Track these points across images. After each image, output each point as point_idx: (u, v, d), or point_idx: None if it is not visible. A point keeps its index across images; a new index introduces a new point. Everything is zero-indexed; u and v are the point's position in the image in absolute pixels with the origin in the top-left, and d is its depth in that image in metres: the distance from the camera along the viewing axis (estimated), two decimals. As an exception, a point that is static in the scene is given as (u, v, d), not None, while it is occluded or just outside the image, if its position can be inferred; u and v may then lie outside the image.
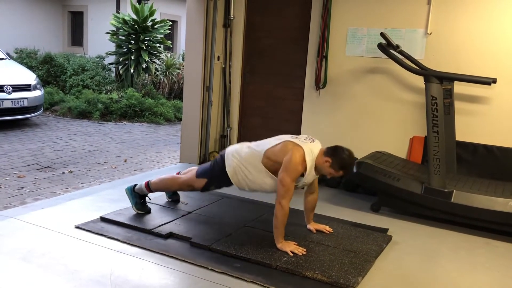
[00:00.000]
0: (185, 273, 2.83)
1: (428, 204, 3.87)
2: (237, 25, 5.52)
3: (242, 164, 3.31)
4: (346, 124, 5.01)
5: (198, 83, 5.48)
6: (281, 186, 3.08)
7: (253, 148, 3.33)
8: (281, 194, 3.08)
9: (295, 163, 3.06)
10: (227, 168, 3.36)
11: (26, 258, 2.89)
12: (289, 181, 3.06)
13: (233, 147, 3.47)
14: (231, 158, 3.36)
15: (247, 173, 3.30)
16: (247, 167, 3.30)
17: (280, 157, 3.14)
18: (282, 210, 3.08)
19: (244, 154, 3.33)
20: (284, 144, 3.19)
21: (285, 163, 3.08)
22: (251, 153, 3.30)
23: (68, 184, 4.92)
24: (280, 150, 3.17)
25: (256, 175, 3.28)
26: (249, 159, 3.29)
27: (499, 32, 4.27)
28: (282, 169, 3.10)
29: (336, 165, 3.14)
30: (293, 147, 3.12)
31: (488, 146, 4.37)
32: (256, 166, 3.26)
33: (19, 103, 7.73)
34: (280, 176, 3.10)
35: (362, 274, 2.88)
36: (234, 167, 3.33)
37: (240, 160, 3.32)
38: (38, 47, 12.37)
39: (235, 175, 3.34)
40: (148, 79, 10.61)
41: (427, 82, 3.82)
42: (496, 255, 3.42)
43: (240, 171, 3.32)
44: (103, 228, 3.39)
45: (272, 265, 2.92)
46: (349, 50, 4.91)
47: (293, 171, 3.06)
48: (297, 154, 3.08)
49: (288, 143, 3.18)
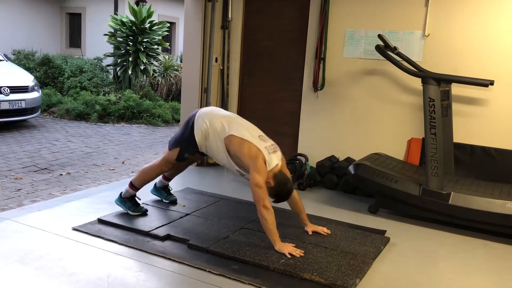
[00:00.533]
0: (182, 275, 2.82)
1: (426, 205, 3.87)
2: (235, 27, 5.52)
3: (209, 132, 3.41)
4: (344, 126, 5.01)
5: (196, 84, 5.48)
6: (257, 188, 3.11)
7: (223, 124, 3.38)
8: (261, 196, 3.11)
9: (262, 166, 3.16)
10: (195, 131, 3.45)
11: (23, 260, 2.88)
12: (263, 182, 3.13)
13: (205, 111, 3.53)
14: (201, 122, 3.44)
15: (212, 140, 3.40)
16: (212, 135, 3.39)
17: (243, 157, 3.23)
18: (267, 210, 3.10)
19: (213, 122, 3.40)
20: (250, 146, 3.23)
21: (253, 166, 3.16)
22: (219, 128, 3.37)
23: (66, 186, 4.91)
24: (244, 151, 3.23)
25: (217, 147, 3.39)
26: (215, 131, 3.38)
27: (496, 34, 4.28)
28: (252, 172, 3.16)
29: (273, 190, 3.20)
30: (257, 152, 3.20)
31: (485, 148, 4.38)
32: (219, 140, 3.36)
33: (16, 105, 7.71)
34: (252, 180, 3.13)
35: (359, 276, 2.88)
36: (202, 131, 3.43)
37: (210, 126, 3.40)
38: (36, 49, 12.35)
39: (202, 139, 3.44)
40: (146, 81, 10.60)
41: (425, 84, 3.83)
42: (494, 256, 3.43)
43: (207, 136, 3.42)
44: (101, 230, 3.38)
45: (269, 267, 2.92)
46: (347, 52, 4.91)
47: (262, 172, 3.15)
48: (261, 158, 3.18)
49: (253, 146, 3.23)
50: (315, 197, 4.58)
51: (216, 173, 5.31)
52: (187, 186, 4.61)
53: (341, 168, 4.76)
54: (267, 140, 3.36)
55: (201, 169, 5.41)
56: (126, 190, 3.72)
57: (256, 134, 3.34)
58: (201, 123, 3.44)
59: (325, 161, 4.90)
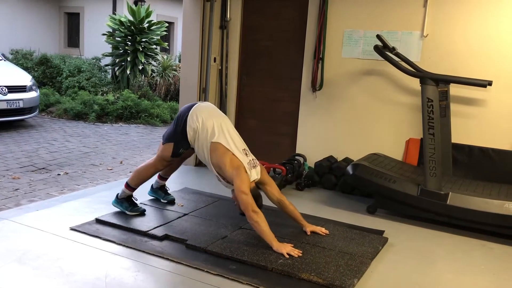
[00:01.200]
0: (180, 275, 2.82)
1: (424, 206, 3.87)
2: (233, 27, 5.52)
3: (199, 131, 3.43)
4: (342, 126, 5.02)
5: (194, 84, 5.47)
6: (243, 195, 3.14)
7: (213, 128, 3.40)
8: (248, 202, 3.13)
9: (244, 175, 3.22)
10: (188, 128, 3.46)
11: (20, 260, 2.87)
12: (247, 189, 3.17)
13: (199, 109, 3.52)
14: (195, 120, 3.45)
15: (200, 140, 3.43)
16: (201, 135, 3.42)
17: (225, 166, 3.28)
18: (258, 214, 3.13)
19: (206, 122, 3.42)
20: (232, 158, 3.29)
21: (236, 175, 3.22)
22: (210, 130, 3.39)
23: (64, 186, 4.90)
24: (227, 162, 3.28)
25: (201, 147, 3.43)
26: (206, 132, 3.40)
27: (495, 35, 4.29)
28: (236, 180, 3.20)
29: None
30: (239, 164, 3.26)
31: (483, 148, 4.38)
32: (205, 142, 3.40)
33: (14, 104, 7.69)
34: (238, 187, 3.17)
35: (358, 276, 2.87)
36: (194, 129, 3.45)
37: (202, 125, 3.42)
38: (34, 48, 12.33)
39: (192, 137, 3.46)
40: (144, 81, 10.59)
41: (423, 84, 3.83)
42: (492, 257, 3.43)
43: (197, 134, 3.43)
44: (99, 230, 3.38)
45: (268, 267, 2.92)
46: (345, 52, 4.92)
47: (246, 180, 3.20)
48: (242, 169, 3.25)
49: (236, 159, 3.29)
50: (313, 197, 4.58)
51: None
52: (185, 186, 4.61)
53: (339, 168, 4.76)
54: (249, 154, 3.42)
55: (199, 169, 5.40)
56: (122, 191, 3.71)
57: (241, 148, 3.39)
58: (195, 121, 3.44)
59: (323, 161, 4.90)
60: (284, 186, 4.68)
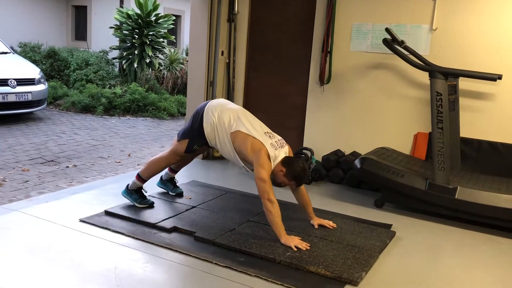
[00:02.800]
0: (189, 267, 2.84)
1: (432, 200, 3.86)
2: (241, 20, 5.51)
3: (217, 125, 3.43)
4: (350, 120, 5.00)
5: (202, 78, 5.48)
6: (261, 182, 3.13)
7: (230, 118, 3.40)
8: (265, 190, 3.13)
9: (265, 160, 3.19)
10: (204, 124, 3.46)
11: (31, 251, 2.90)
12: (267, 175, 3.16)
13: (215, 104, 3.54)
14: (210, 115, 3.46)
15: (220, 134, 3.42)
16: (219, 129, 3.42)
17: (246, 152, 3.27)
18: (273, 204, 3.12)
19: (222, 116, 3.42)
20: (253, 142, 3.27)
21: (256, 161, 3.20)
22: (227, 122, 3.40)
23: (72, 178, 4.93)
24: (248, 147, 3.27)
25: (223, 141, 3.42)
26: (223, 124, 3.41)
27: (504, 28, 4.25)
28: (256, 166, 3.20)
29: (289, 175, 3.25)
30: (260, 147, 3.23)
31: (492, 143, 4.36)
32: (225, 134, 3.40)
33: (23, 97, 7.73)
34: (257, 173, 3.16)
35: (365, 269, 2.88)
36: (211, 124, 3.45)
37: (218, 119, 3.42)
38: (42, 41, 12.37)
39: (210, 132, 3.46)
40: (151, 74, 10.60)
41: (432, 78, 3.81)
42: (500, 251, 3.42)
43: (215, 129, 3.44)
44: (108, 222, 3.40)
45: (276, 259, 2.93)
46: (353, 46, 4.90)
47: (266, 166, 3.18)
48: (263, 153, 3.21)
49: (257, 142, 3.27)
50: (320, 191, 4.58)
51: (222, 166, 5.33)
52: (193, 179, 4.62)
53: (347, 162, 4.75)
54: (274, 136, 3.39)
55: (207, 162, 5.42)
56: (133, 182, 3.73)
57: (263, 131, 3.37)
58: (210, 116, 3.45)
59: (330, 155, 4.90)
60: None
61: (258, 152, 3.21)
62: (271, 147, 3.26)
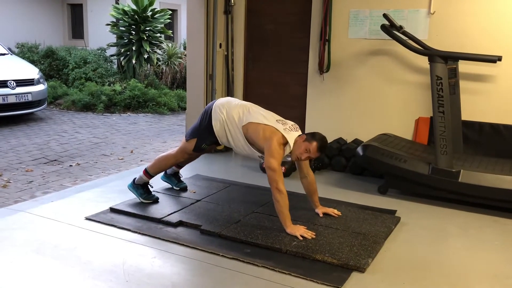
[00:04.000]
0: (196, 260, 2.86)
1: (435, 184, 3.87)
2: (238, 11, 5.49)
3: (227, 122, 3.42)
4: (351, 108, 5.00)
5: (200, 71, 5.47)
6: (271, 171, 3.14)
7: (239, 113, 3.41)
8: (274, 179, 3.13)
9: (275, 148, 3.18)
10: (213, 121, 3.46)
11: (39, 250, 2.92)
12: (277, 164, 3.16)
13: (222, 101, 3.55)
14: (218, 112, 3.46)
15: (231, 130, 3.42)
16: (230, 125, 3.41)
17: (259, 140, 3.27)
18: (281, 193, 3.12)
19: (231, 112, 3.43)
20: (265, 129, 3.27)
21: (267, 149, 3.20)
22: (237, 117, 3.40)
23: (76, 177, 4.95)
24: (260, 134, 3.27)
25: (236, 136, 3.41)
26: (232, 120, 3.40)
27: (503, 9, 4.23)
28: (266, 155, 3.19)
29: (310, 138, 3.24)
30: (271, 134, 3.23)
31: (494, 125, 4.35)
32: (237, 129, 3.39)
33: (23, 98, 7.74)
34: (266, 163, 3.17)
35: (372, 256, 2.90)
36: (220, 121, 3.44)
37: (227, 116, 3.42)
38: (39, 41, 12.36)
39: (220, 130, 3.46)
40: (150, 70, 10.59)
41: (432, 62, 3.80)
42: (505, 232, 3.43)
43: (225, 126, 3.43)
44: (113, 219, 3.42)
45: (282, 249, 2.95)
46: (351, 33, 4.88)
47: (276, 154, 3.17)
48: (276, 139, 3.20)
49: (268, 128, 3.26)
50: (324, 180, 4.59)
51: (224, 159, 5.34)
52: (196, 173, 4.63)
53: (349, 150, 4.76)
54: (286, 123, 3.37)
55: (209, 156, 5.42)
56: (140, 177, 3.75)
57: (274, 119, 3.37)
58: (219, 113, 3.45)
59: (333, 144, 4.90)
60: (294, 169, 4.68)
61: (269, 139, 3.21)
62: (285, 131, 3.26)
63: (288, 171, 4.51)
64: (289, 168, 4.53)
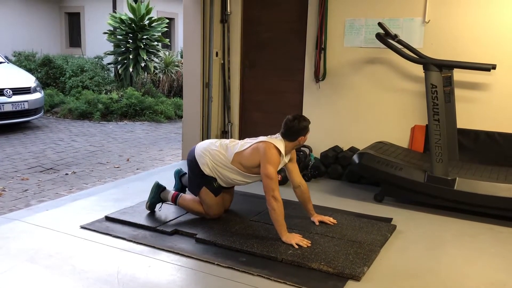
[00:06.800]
0: (191, 269, 2.85)
1: (431, 192, 3.87)
2: (234, 20, 5.52)
3: (214, 163, 3.43)
4: (347, 116, 5.01)
5: (197, 79, 5.48)
6: (268, 179, 3.15)
7: (222, 149, 3.43)
8: (271, 187, 3.14)
9: (272, 154, 3.21)
10: (202, 167, 3.45)
11: (33, 259, 2.91)
12: (274, 172, 3.17)
13: (201, 146, 3.55)
14: (203, 156, 3.46)
15: (221, 171, 3.42)
16: (219, 165, 3.42)
17: (254, 160, 3.27)
18: (277, 201, 3.13)
19: (214, 154, 3.43)
20: (253, 147, 3.30)
21: (263, 157, 3.21)
22: (221, 155, 3.41)
23: (72, 185, 4.94)
24: (252, 153, 3.29)
25: (228, 174, 3.41)
26: (219, 159, 3.41)
27: (497, 18, 4.26)
28: (262, 164, 3.20)
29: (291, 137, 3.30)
30: (263, 144, 3.26)
31: (489, 133, 4.37)
32: (226, 166, 3.39)
33: (19, 106, 7.74)
34: (263, 170, 3.18)
35: (367, 264, 2.89)
36: (207, 165, 3.44)
37: (211, 158, 3.43)
38: (36, 50, 12.37)
39: (210, 173, 3.45)
40: (147, 78, 10.61)
41: (427, 70, 3.82)
42: (500, 240, 3.43)
43: (214, 168, 3.43)
44: (109, 228, 3.41)
45: (277, 258, 2.94)
46: (347, 41, 4.90)
47: (273, 161, 3.19)
48: (269, 146, 3.24)
49: (257, 144, 3.30)
50: (320, 188, 4.59)
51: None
52: (192, 181, 4.62)
53: (345, 158, 4.76)
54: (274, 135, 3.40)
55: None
56: (168, 192, 3.68)
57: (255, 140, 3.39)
58: (203, 157, 3.45)
59: (329, 152, 4.91)
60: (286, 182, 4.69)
61: (266, 149, 3.22)
62: (269, 139, 3.29)
63: (284, 179, 4.50)
64: (284, 176, 4.52)
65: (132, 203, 3.91)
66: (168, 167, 5.47)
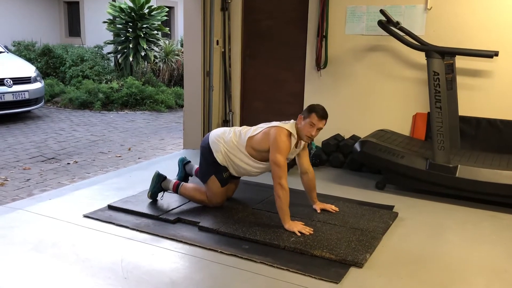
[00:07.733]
0: (195, 257, 2.86)
1: (433, 180, 3.88)
2: (235, 8, 5.48)
3: (228, 150, 3.43)
4: (348, 104, 5.00)
5: (198, 68, 5.46)
6: (276, 166, 3.15)
7: (235, 136, 3.43)
8: (278, 174, 3.14)
9: (282, 140, 3.20)
10: (215, 154, 3.45)
11: (37, 248, 2.92)
12: (282, 160, 3.17)
13: (217, 133, 3.55)
14: (217, 143, 3.46)
15: (233, 158, 3.42)
16: (232, 152, 3.42)
17: (265, 145, 3.27)
18: (283, 189, 3.13)
19: (228, 140, 3.43)
20: (265, 131, 3.30)
21: (273, 144, 3.20)
22: (235, 141, 3.41)
23: (74, 175, 4.95)
24: (263, 138, 3.29)
25: (240, 162, 3.41)
26: (232, 145, 3.41)
27: (500, 4, 4.23)
28: (271, 150, 3.20)
29: (306, 113, 3.26)
30: (274, 129, 3.25)
31: (491, 120, 4.37)
32: (240, 153, 3.39)
33: (20, 96, 7.72)
34: (272, 157, 3.19)
35: (369, 251, 2.90)
36: (221, 152, 3.44)
37: (225, 145, 3.43)
38: (36, 39, 12.32)
39: (223, 160, 3.45)
40: (147, 67, 10.58)
41: (429, 57, 3.80)
42: (502, 227, 3.45)
43: (228, 154, 3.43)
44: (111, 216, 3.42)
45: (280, 245, 2.95)
46: (348, 29, 4.88)
47: (282, 148, 3.19)
48: (280, 131, 3.23)
49: (268, 129, 3.30)
50: (322, 176, 4.59)
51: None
52: (194, 170, 4.63)
53: (347, 146, 4.77)
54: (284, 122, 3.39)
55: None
56: (169, 181, 3.69)
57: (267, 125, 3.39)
58: (218, 144, 3.45)
59: (330, 140, 4.91)
60: (292, 166, 4.66)
61: (273, 134, 3.22)
62: (282, 124, 3.28)
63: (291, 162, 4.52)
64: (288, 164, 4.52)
65: (135, 192, 3.91)
66: (169, 156, 5.48)
